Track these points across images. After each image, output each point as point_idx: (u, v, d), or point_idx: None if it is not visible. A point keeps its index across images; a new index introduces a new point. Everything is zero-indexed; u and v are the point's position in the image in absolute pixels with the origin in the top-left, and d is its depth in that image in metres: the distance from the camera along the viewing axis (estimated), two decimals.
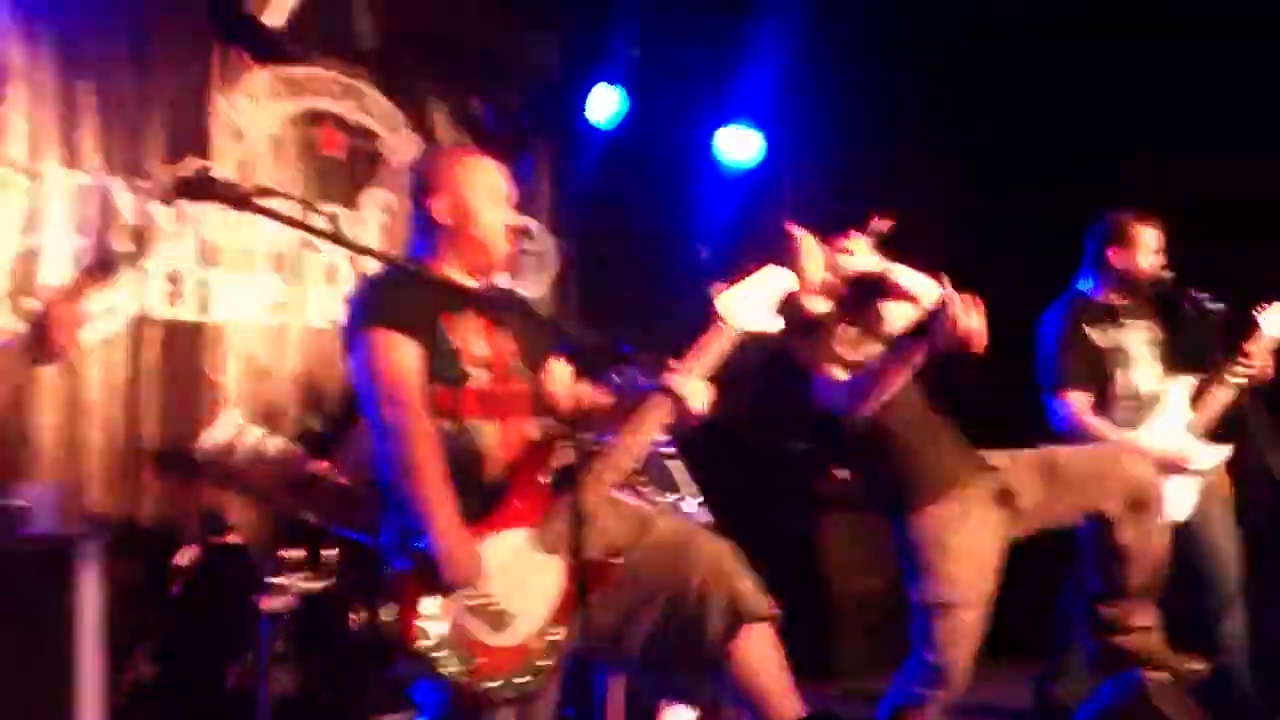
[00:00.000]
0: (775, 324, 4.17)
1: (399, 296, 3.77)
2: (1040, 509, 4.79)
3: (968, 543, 4.65)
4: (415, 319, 3.74)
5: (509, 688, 3.67)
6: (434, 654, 3.61)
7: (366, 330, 3.75)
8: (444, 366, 3.81)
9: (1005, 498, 4.73)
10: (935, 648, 4.64)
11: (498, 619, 3.69)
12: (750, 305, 4.12)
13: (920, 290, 4.76)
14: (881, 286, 4.86)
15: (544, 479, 3.87)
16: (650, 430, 3.97)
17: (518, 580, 3.73)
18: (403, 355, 3.72)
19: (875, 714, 4.82)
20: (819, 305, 4.80)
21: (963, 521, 4.65)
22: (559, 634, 3.76)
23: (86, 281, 3.60)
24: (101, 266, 3.62)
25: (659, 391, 3.95)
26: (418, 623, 3.61)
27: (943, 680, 4.65)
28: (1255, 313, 5.79)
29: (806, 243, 4.71)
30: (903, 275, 4.84)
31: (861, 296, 4.89)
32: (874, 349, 4.79)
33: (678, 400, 3.92)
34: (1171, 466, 5.65)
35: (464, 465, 3.79)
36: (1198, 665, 4.50)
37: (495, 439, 3.87)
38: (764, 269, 4.19)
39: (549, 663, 3.75)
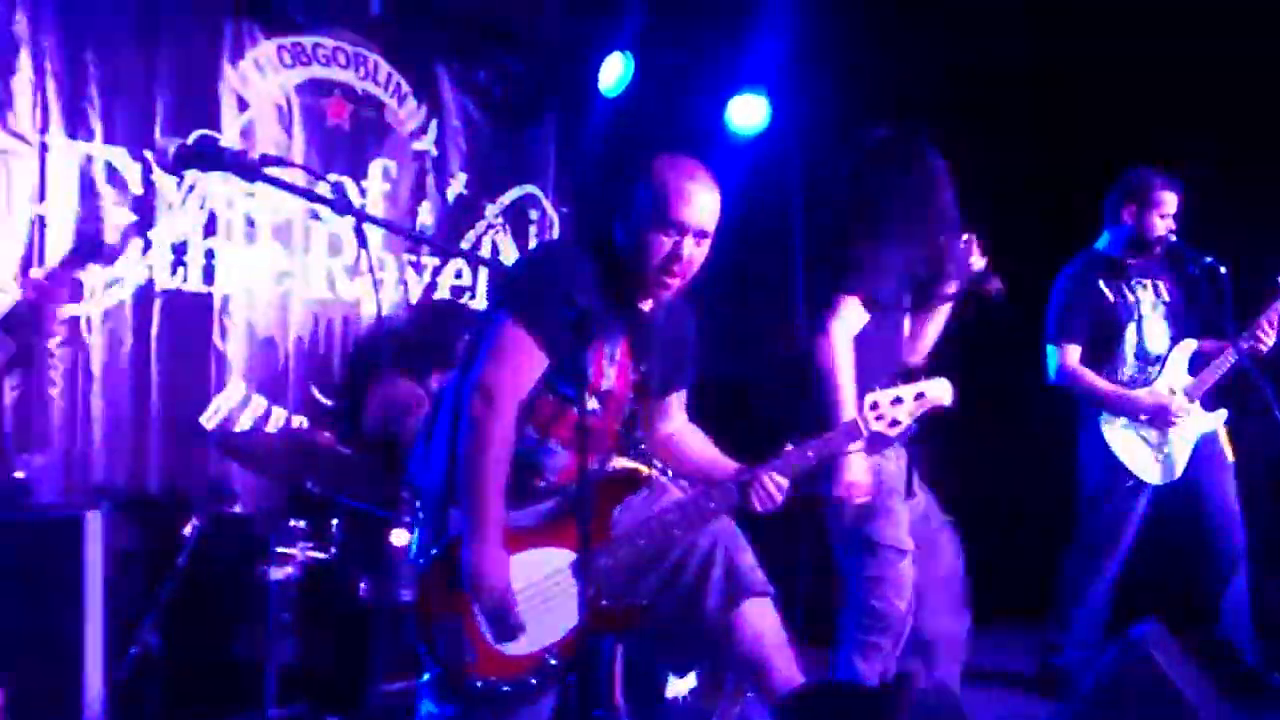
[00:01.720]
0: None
1: (565, 304, 3.48)
2: None
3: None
4: (564, 336, 3.55)
5: (492, 693, 3.72)
6: (437, 638, 3.69)
7: (514, 318, 3.71)
8: (567, 385, 3.78)
9: None
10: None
11: (509, 627, 3.72)
12: (899, 411, 4.13)
13: None
14: None
15: (607, 513, 3.90)
16: (719, 508, 3.98)
17: (543, 598, 3.77)
18: (525, 361, 3.70)
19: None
20: None
21: None
22: (558, 663, 3.79)
23: (75, 260, 3.59)
24: (91, 245, 3.60)
25: (738, 481, 3.97)
26: (433, 611, 3.71)
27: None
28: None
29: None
30: None
31: None
32: None
33: (745, 497, 3.95)
34: (1162, 426, 5.68)
35: (527, 474, 3.83)
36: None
37: (566, 463, 3.87)
38: (932, 382, 4.20)
39: (535, 683, 3.78)
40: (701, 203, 3.81)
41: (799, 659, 4.01)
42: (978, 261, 4.93)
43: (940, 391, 4.16)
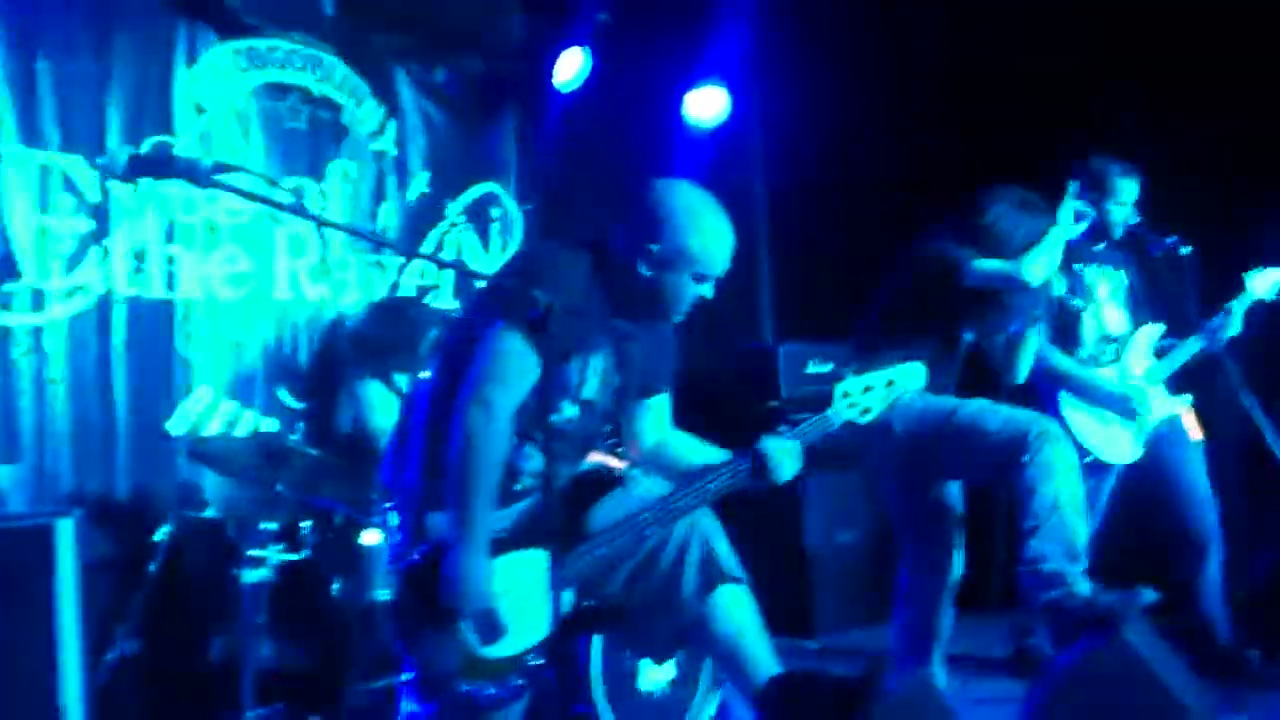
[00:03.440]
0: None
1: (559, 315, 3.41)
2: None
3: None
4: (556, 345, 3.59)
5: (477, 696, 3.70)
6: (419, 647, 3.68)
7: (510, 325, 3.65)
8: (551, 395, 3.75)
9: None
10: None
11: (491, 630, 3.71)
12: (873, 399, 4.13)
13: None
14: None
15: (581, 513, 3.89)
16: (725, 484, 3.96)
17: (524, 599, 3.74)
18: (521, 368, 3.65)
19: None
20: None
21: None
22: (541, 660, 3.78)
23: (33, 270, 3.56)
24: (50, 254, 3.56)
25: (751, 451, 3.95)
26: (413, 618, 3.69)
27: None
28: (1245, 275, 5.77)
29: None
30: None
31: None
32: None
33: (764, 464, 3.92)
34: (1123, 409, 5.70)
35: (504, 478, 3.77)
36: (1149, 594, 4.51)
37: (541, 466, 3.82)
38: (905, 366, 4.20)
39: (521, 683, 3.77)
40: (730, 250, 3.86)
41: (775, 647, 4.01)
42: None
43: (912, 377, 4.17)
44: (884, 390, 4.14)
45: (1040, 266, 4.96)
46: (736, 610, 3.95)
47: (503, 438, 3.66)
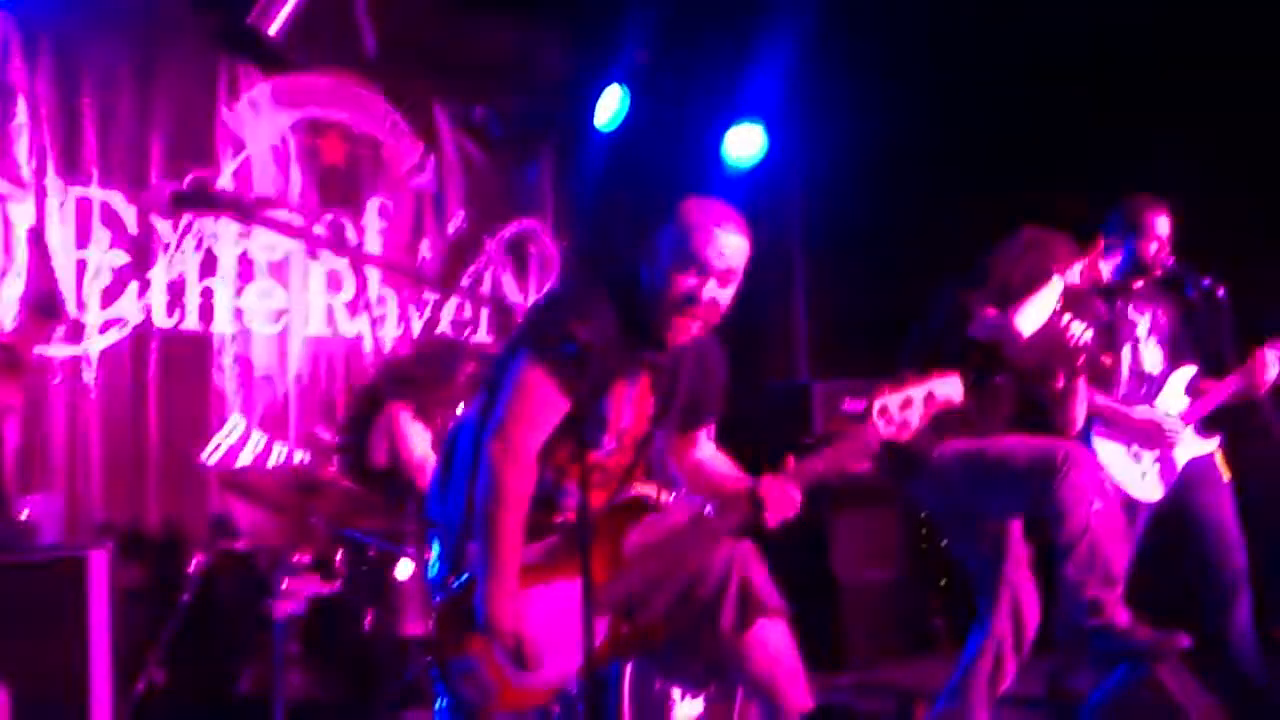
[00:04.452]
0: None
1: (588, 349, 3.40)
2: None
3: None
4: (585, 379, 3.52)
5: None
6: (459, 678, 3.67)
7: (535, 359, 3.63)
8: (586, 431, 3.70)
9: None
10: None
11: (523, 660, 3.68)
12: (912, 414, 4.03)
13: None
14: None
15: (617, 541, 3.88)
16: (728, 528, 3.91)
17: (559, 630, 3.73)
18: (546, 404, 3.63)
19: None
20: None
21: None
22: (573, 691, 3.80)
23: (33, 327, 3.55)
24: (44, 309, 3.56)
25: (749, 491, 3.87)
26: (449, 650, 3.69)
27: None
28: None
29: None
30: None
31: None
32: None
33: (757, 507, 3.84)
34: (1156, 444, 5.68)
35: (544, 512, 3.79)
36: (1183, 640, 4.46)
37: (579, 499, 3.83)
38: (940, 381, 4.13)
39: (559, 711, 3.83)
40: (728, 244, 3.72)
41: (811, 682, 3.98)
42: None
43: (950, 390, 4.10)
44: (922, 404, 4.05)
45: (1030, 317, 4.89)
46: (773, 644, 3.92)
47: (524, 472, 3.65)
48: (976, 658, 5.03)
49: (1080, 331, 5.00)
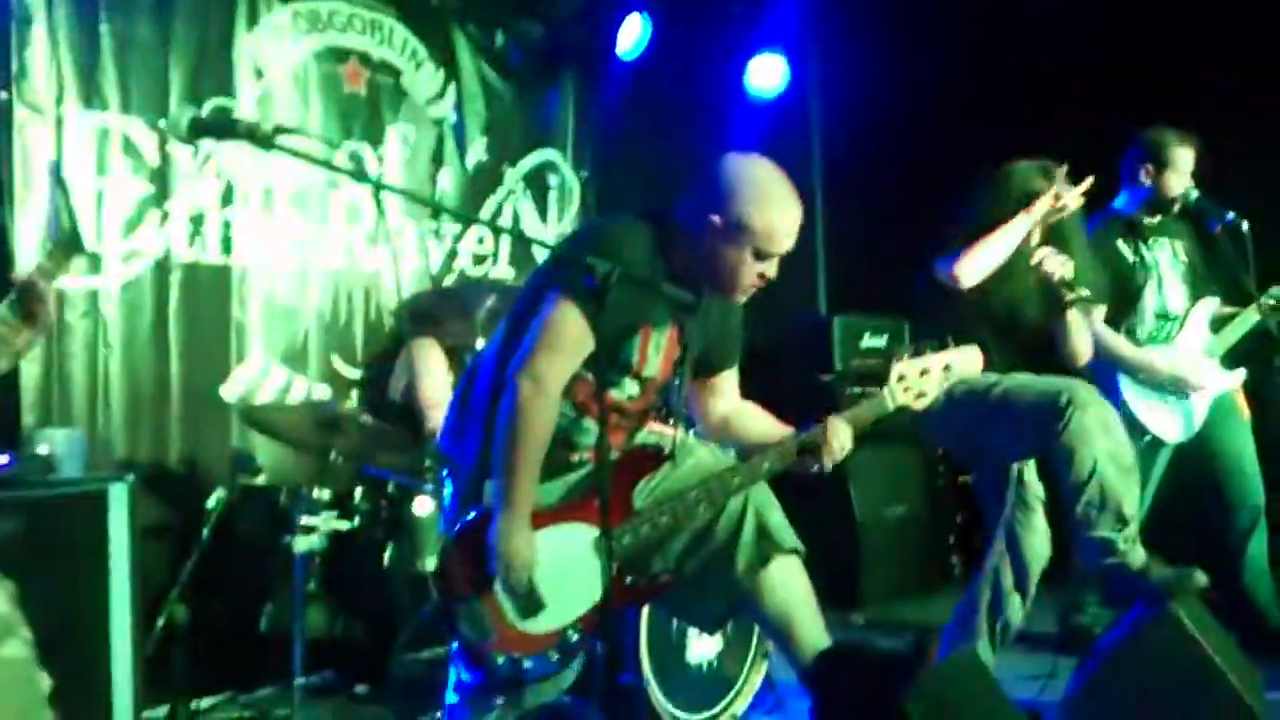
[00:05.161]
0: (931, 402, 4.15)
1: (619, 286, 3.26)
2: None
3: None
4: (615, 319, 3.50)
5: (513, 668, 3.72)
6: (459, 615, 3.67)
7: (565, 296, 3.61)
8: (611, 371, 3.76)
9: None
10: None
11: (531, 605, 3.70)
12: (929, 383, 4.09)
13: None
14: None
15: (629, 489, 3.88)
16: (778, 463, 3.95)
17: (565, 575, 3.73)
18: (574, 340, 3.60)
19: None
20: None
21: None
22: (580, 638, 3.78)
23: (55, 261, 3.53)
24: (65, 244, 3.54)
25: (812, 431, 3.94)
26: (454, 586, 3.68)
27: None
28: None
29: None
30: None
31: None
32: None
33: (823, 443, 3.91)
34: (1182, 385, 5.66)
35: (561, 449, 3.80)
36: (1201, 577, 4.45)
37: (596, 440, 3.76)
38: (959, 352, 4.15)
39: (557, 658, 3.78)
40: (791, 231, 3.74)
41: (827, 619, 3.99)
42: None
43: (968, 361, 4.11)
44: (941, 374, 4.09)
45: (970, 262, 4.83)
46: (789, 584, 3.96)
47: (550, 409, 3.65)
48: (978, 591, 5.05)
49: (1059, 266, 4.94)
